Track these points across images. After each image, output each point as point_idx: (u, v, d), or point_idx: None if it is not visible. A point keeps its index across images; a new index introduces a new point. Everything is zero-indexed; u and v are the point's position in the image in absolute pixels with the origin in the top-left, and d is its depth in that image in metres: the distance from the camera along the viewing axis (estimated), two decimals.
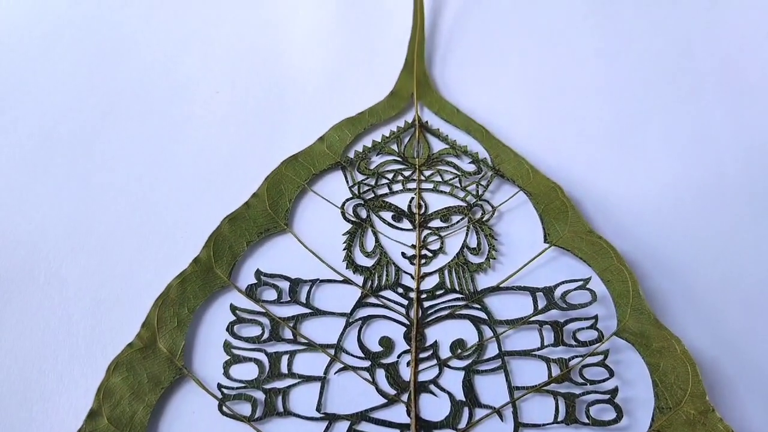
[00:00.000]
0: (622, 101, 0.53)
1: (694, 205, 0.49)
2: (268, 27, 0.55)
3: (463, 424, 0.41)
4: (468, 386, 0.43)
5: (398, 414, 0.42)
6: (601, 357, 0.43)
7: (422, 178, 0.49)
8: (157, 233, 0.47)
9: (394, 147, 0.51)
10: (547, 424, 0.41)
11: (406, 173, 0.50)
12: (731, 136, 0.52)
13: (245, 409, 0.41)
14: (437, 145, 0.51)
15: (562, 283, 0.45)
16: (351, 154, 0.50)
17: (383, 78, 0.54)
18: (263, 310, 0.44)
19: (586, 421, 0.41)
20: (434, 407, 0.42)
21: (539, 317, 0.44)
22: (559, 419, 0.41)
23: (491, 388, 0.43)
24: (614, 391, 0.42)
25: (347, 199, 0.49)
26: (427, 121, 0.52)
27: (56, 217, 0.48)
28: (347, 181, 0.49)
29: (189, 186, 0.49)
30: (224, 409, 0.41)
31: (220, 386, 0.42)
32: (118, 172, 0.50)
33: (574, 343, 0.44)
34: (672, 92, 0.54)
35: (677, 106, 0.53)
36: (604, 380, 0.42)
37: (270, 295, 0.45)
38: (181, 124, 0.52)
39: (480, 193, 0.49)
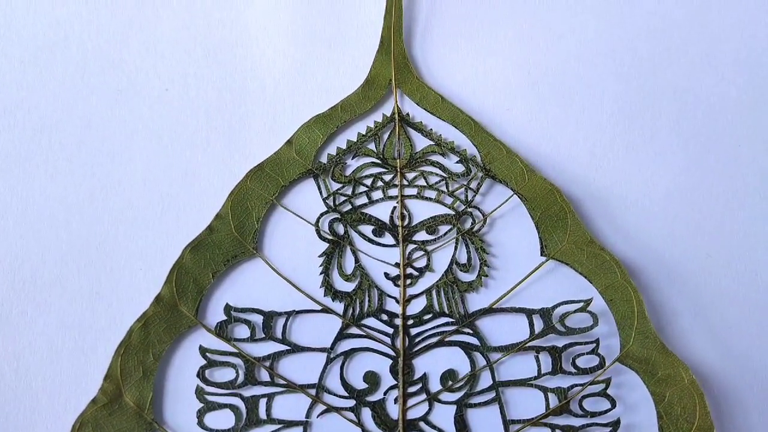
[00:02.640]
0: (628, 88, 0.47)
1: (705, 206, 0.45)
2: (222, 11, 0.48)
3: None
4: (460, 422, 0.41)
5: None
6: (602, 386, 0.41)
7: (405, 182, 0.45)
8: (110, 270, 0.44)
9: (372, 147, 0.46)
10: None
11: (387, 178, 0.45)
12: (748, 128, 0.47)
13: None
14: (420, 142, 0.46)
15: (561, 304, 0.42)
16: (324, 159, 0.45)
17: (356, 64, 0.48)
18: (236, 351, 0.42)
19: None
20: None
21: (536, 342, 0.42)
22: None
23: (485, 423, 0.41)
24: (616, 424, 0.41)
25: (322, 213, 0.44)
26: (408, 114, 0.46)
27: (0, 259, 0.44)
28: (321, 192, 0.44)
29: (140, 209, 0.45)
30: None
31: None
32: (57, 199, 0.45)
33: (573, 370, 0.42)
34: (683, 78, 0.48)
35: (689, 94, 0.47)
36: (605, 411, 0.41)
37: (242, 332, 0.42)
38: (125, 131, 0.46)
39: (469, 198, 0.44)
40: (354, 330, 0.43)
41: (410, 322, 0.43)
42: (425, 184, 0.46)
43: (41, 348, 0.42)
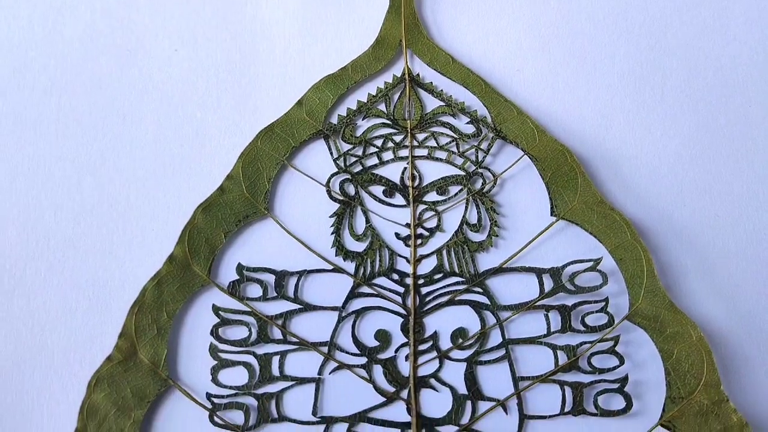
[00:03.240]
0: (639, 49, 0.47)
1: (714, 166, 0.46)
2: None
3: (466, 419, 0.41)
4: (470, 379, 0.42)
5: (398, 412, 0.42)
6: (611, 343, 0.42)
7: (415, 143, 0.45)
8: (123, 230, 0.44)
9: (383, 108, 0.46)
10: (554, 415, 0.41)
11: (397, 138, 0.45)
12: (759, 89, 0.47)
13: (237, 417, 0.41)
14: (431, 103, 0.46)
15: (571, 263, 0.43)
16: (334, 120, 0.45)
17: (366, 24, 0.48)
18: (249, 309, 0.42)
19: (594, 411, 0.41)
20: (436, 403, 0.42)
21: (546, 301, 0.43)
22: (566, 410, 0.41)
23: (495, 380, 0.42)
24: (624, 380, 0.41)
25: (333, 174, 0.45)
26: (418, 74, 0.46)
27: (12, 222, 0.44)
28: (331, 153, 0.45)
29: (152, 170, 0.46)
30: (215, 419, 0.40)
31: (209, 395, 0.41)
32: (70, 161, 0.46)
33: (582, 328, 0.42)
34: (694, 39, 0.47)
35: (699, 55, 0.47)
36: (613, 368, 0.42)
37: (255, 291, 0.43)
38: (135, 91, 0.47)
39: (480, 159, 0.45)
40: (365, 289, 0.44)
41: (421, 281, 0.44)
42: (436, 144, 0.46)
43: (56, 307, 0.43)
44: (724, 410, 0.40)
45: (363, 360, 0.42)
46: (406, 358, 0.42)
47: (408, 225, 0.45)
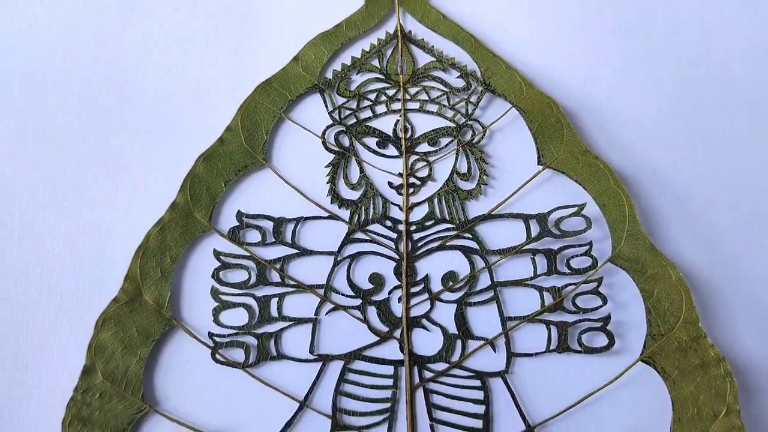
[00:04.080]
0: (624, 7, 0.50)
1: (695, 119, 0.48)
2: None
3: (456, 357, 0.43)
4: (460, 319, 0.43)
5: (391, 350, 0.44)
6: (594, 284, 0.44)
7: (407, 97, 0.47)
8: (127, 179, 0.47)
9: (376, 63, 0.48)
10: (540, 353, 0.43)
11: (390, 92, 0.47)
12: (738, 45, 0.49)
13: (238, 355, 0.43)
14: (422, 59, 0.49)
15: (556, 209, 0.45)
16: (329, 75, 0.48)
17: None
18: (248, 254, 0.44)
19: (578, 348, 0.43)
20: (427, 342, 0.44)
21: (532, 245, 0.45)
22: (551, 348, 0.43)
23: (483, 320, 0.44)
24: (607, 319, 0.43)
25: (328, 126, 0.47)
26: (410, 31, 0.49)
27: (23, 167, 0.46)
28: (327, 106, 0.47)
29: (154, 123, 0.48)
30: (217, 356, 0.42)
31: (211, 334, 0.43)
32: (75, 115, 0.48)
33: (567, 270, 0.44)
34: None
35: (683, 12, 0.50)
36: (597, 308, 0.44)
37: (254, 237, 0.45)
38: (137, 48, 0.49)
39: (469, 111, 0.47)
40: (359, 235, 0.46)
41: (413, 227, 0.46)
42: (427, 98, 0.48)
43: (64, 252, 0.45)
44: (702, 346, 0.42)
45: (357, 302, 0.44)
46: (399, 299, 0.45)
47: (400, 174, 0.47)
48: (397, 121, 0.48)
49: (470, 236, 0.46)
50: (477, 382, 0.43)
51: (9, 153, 0.47)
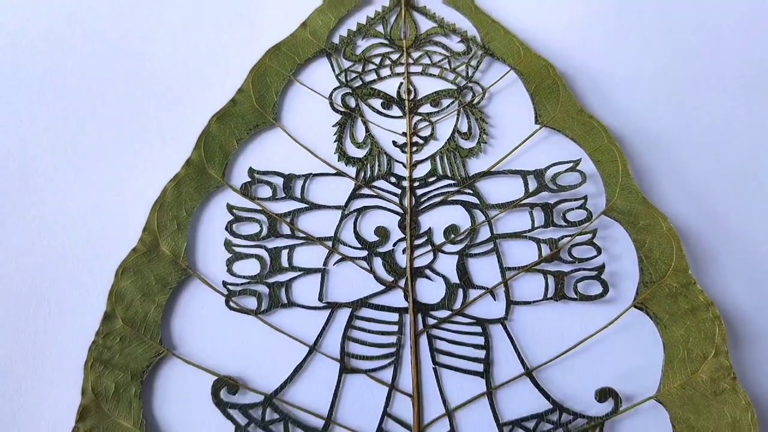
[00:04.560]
0: None
1: (687, 83, 0.51)
2: None
3: (458, 305, 0.45)
4: (462, 269, 0.45)
5: (396, 299, 0.46)
6: (589, 236, 0.46)
7: (410, 61, 0.50)
8: (144, 138, 0.49)
9: (380, 29, 0.51)
10: (537, 300, 0.45)
11: (394, 57, 0.50)
12: (729, 13, 0.52)
13: (251, 303, 0.45)
14: (424, 25, 0.51)
15: (553, 165, 0.47)
16: (336, 40, 0.50)
17: None
18: (259, 208, 0.47)
19: (574, 296, 0.45)
20: (430, 290, 0.46)
21: (530, 200, 0.47)
22: (548, 296, 0.45)
23: (484, 270, 0.46)
24: (601, 268, 0.45)
25: (335, 89, 0.49)
26: None
27: (44, 126, 0.48)
28: (333, 70, 0.49)
29: (170, 85, 0.50)
30: (231, 304, 0.44)
31: (225, 283, 0.45)
32: (95, 78, 0.50)
33: (563, 223, 0.46)
34: None
35: None
36: (591, 258, 0.46)
37: (265, 192, 0.47)
38: (153, 14, 0.51)
39: (470, 74, 0.49)
40: (365, 191, 0.48)
41: (416, 183, 0.48)
42: (429, 62, 0.50)
43: (84, 206, 0.47)
44: (692, 292, 0.45)
45: (364, 253, 0.47)
46: (403, 251, 0.47)
47: (404, 134, 0.49)
48: (401, 83, 0.50)
49: (471, 192, 0.48)
50: (478, 329, 0.45)
51: (31, 112, 0.49)
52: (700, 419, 0.42)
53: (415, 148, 0.49)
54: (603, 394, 0.43)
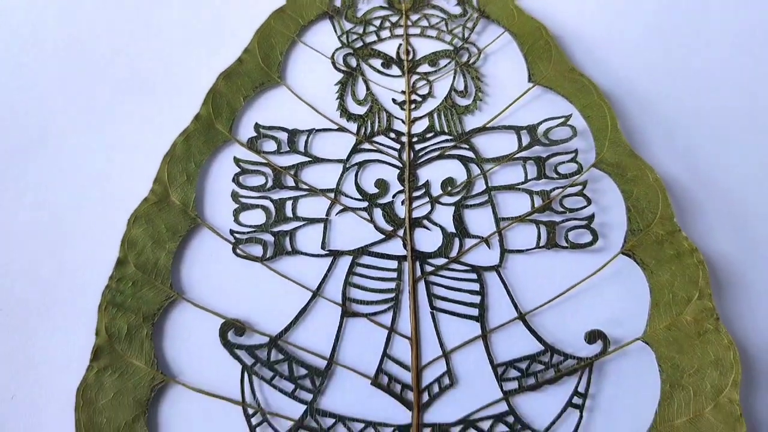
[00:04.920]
0: None
1: (676, 42, 0.52)
2: None
3: (454, 253, 0.47)
4: (458, 219, 0.47)
5: (395, 247, 0.47)
6: (579, 187, 0.48)
7: (409, 23, 0.52)
8: (155, 95, 0.51)
9: None
10: (530, 249, 0.47)
11: (393, 19, 0.52)
12: None
13: (257, 250, 0.47)
14: None
15: (545, 120, 0.49)
16: (338, 3, 0.52)
17: None
18: (265, 161, 0.49)
19: (565, 245, 0.47)
20: (428, 239, 0.48)
21: (523, 153, 0.49)
22: (540, 244, 0.47)
23: (479, 220, 0.48)
24: (591, 218, 0.47)
25: (337, 49, 0.51)
26: None
27: (58, 86, 0.51)
28: (335, 31, 0.51)
29: (178, 46, 0.52)
30: (238, 251, 0.46)
31: (232, 232, 0.47)
32: (105, 41, 0.52)
33: (555, 175, 0.48)
34: None
35: None
36: (582, 208, 0.48)
37: (270, 146, 0.49)
38: None
39: (466, 36, 0.51)
40: (366, 145, 0.50)
41: (415, 139, 0.50)
42: (427, 24, 0.53)
43: (98, 161, 0.49)
44: (677, 239, 0.46)
45: (364, 204, 0.48)
46: (402, 202, 0.49)
47: (403, 92, 0.51)
48: (400, 44, 0.52)
49: (467, 146, 0.50)
50: (473, 275, 0.47)
51: (47, 74, 0.51)
52: (684, 358, 0.44)
53: (413, 106, 0.51)
54: (592, 337, 0.45)
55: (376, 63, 0.52)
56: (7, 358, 0.45)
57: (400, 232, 0.48)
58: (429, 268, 0.47)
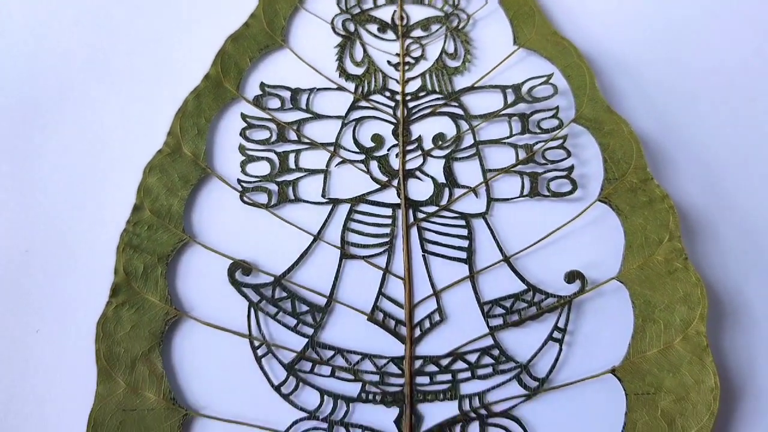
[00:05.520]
0: None
1: (651, 7, 0.54)
2: None
3: (444, 201, 0.50)
4: (448, 171, 0.50)
5: (390, 196, 0.50)
6: (560, 141, 0.51)
7: None
8: (166, 57, 0.54)
9: None
10: (514, 197, 0.50)
11: None
12: None
13: (262, 198, 0.50)
14: None
15: (529, 80, 0.52)
16: None
17: None
18: (270, 117, 0.51)
19: (547, 194, 0.50)
20: (420, 189, 0.50)
21: (508, 111, 0.52)
22: (524, 194, 0.50)
23: (467, 172, 0.51)
24: (570, 169, 0.50)
25: (336, 15, 0.54)
26: None
27: (77, 43, 0.54)
28: None
29: (188, 11, 0.55)
30: (245, 199, 0.49)
31: (239, 181, 0.50)
32: (124, 6, 0.55)
33: (537, 130, 0.51)
34: None
35: None
36: (562, 160, 0.50)
37: (274, 103, 0.52)
38: None
39: (456, 3, 0.54)
40: (363, 103, 0.52)
41: (408, 97, 0.53)
42: None
43: (117, 115, 0.52)
44: (650, 186, 0.49)
45: (362, 156, 0.51)
46: (396, 155, 0.51)
47: (398, 55, 0.54)
48: (395, 11, 0.55)
49: (456, 104, 0.52)
50: (462, 222, 0.49)
51: (68, 33, 0.54)
52: (656, 295, 0.46)
53: (407, 67, 0.53)
54: (571, 277, 0.48)
55: (373, 28, 0.54)
56: (33, 296, 0.47)
57: (395, 182, 0.50)
58: (421, 215, 0.49)
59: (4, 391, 0.45)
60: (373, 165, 0.51)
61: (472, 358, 0.46)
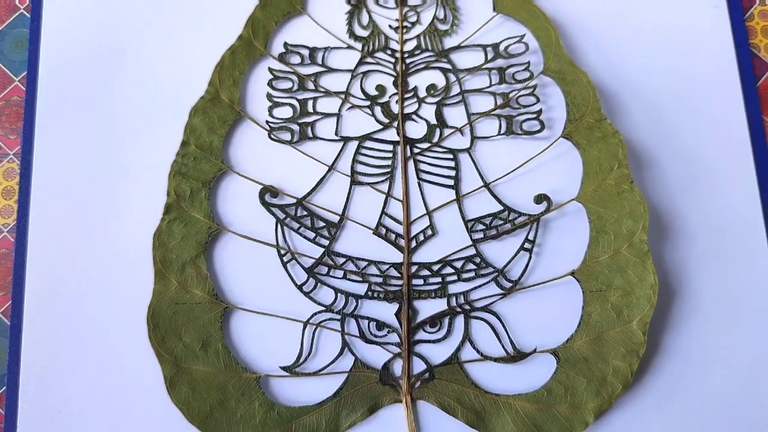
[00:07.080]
0: None
1: None
2: None
3: (436, 139, 0.56)
4: (439, 114, 0.57)
5: (391, 135, 0.57)
6: (531, 89, 0.57)
7: None
8: (209, 19, 0.60)
9: None
10: (493, 136, 0.57)
11: None
12: None
13: (286, 136, 0.56)
14: None
15: (505, 39, 0.58)
16: None
17: None
18: (292, 71, 0.58)
19: (520, 132, 0.56)
20: (416, 129, 0.57)
21: (488, 65, 0.58)
22: (501, 133, 0.57)
23: (455, 115, 0.58)
24: (539, 112, 0.56)
25: None
26: None
27: (132, 17, 0.61)
28: None
29: None
30: (272, 136, 0.56)
31: (267, 122, 0.56)
32: None
33: (513, 81, 0.57)
34: None
35: None
36: (532, 105, 0.57)
37: (295, 59, 0.58)
38: None
39: None
40: (369, 59, 0.58)
41: (406, 55, 0.59)
42: None
43: (166, 68, 0.59)
44: (603, 125, 0.55)
45: (368, 103, 0.57)
46: (396, 102, 0.57)
47: (397, 20, 0.60)
48: None
49: (446, 60, 0.58)
50: (450, 156, 0.56)
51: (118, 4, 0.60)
52: (607, 211, 0.53)
53: (405, 30, 0.59)
54: (539, 199, 0.54)
55: None
56: (99, 213, 0.55)
57: (395, 124, 0.57)
58: (416, 150, 0.56)
59: (81, 286, 0.53)
60: (377, 109, 0.57)
61: (458, 264, 0.53)
